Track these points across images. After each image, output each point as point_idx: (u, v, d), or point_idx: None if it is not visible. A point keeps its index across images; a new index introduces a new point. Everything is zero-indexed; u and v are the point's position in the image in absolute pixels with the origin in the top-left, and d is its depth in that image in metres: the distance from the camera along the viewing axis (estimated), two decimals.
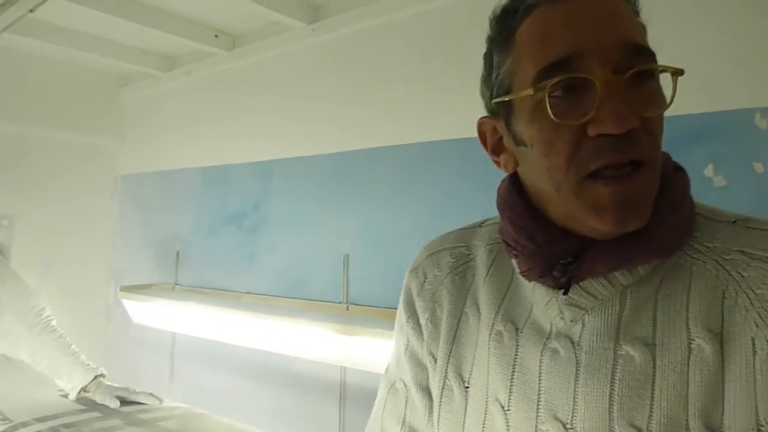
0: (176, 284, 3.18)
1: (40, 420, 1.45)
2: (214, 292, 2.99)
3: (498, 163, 0.70)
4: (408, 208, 2.31)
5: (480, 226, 0.80)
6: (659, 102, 0.60)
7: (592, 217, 0.60)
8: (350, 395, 2.41)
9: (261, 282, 2.84)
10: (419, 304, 0.77)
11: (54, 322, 1.83)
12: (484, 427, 0.65)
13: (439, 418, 0.71)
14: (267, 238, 2.85)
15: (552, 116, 0.58)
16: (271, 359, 2.67)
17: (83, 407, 1.58)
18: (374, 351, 2.10)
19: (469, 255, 0.76)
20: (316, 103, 2.69)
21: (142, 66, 3.37)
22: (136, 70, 3.55)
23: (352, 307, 2.37)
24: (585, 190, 0.59)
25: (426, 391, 0.76)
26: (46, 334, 1.79)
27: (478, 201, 2.11)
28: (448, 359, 0.71)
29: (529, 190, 0.68)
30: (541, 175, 0.63)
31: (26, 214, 3.69)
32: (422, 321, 0.76)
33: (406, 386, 0.79)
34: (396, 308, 2.33)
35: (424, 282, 0.78)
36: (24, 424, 1.42)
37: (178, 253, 3.21)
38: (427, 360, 0.75)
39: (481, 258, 0.74)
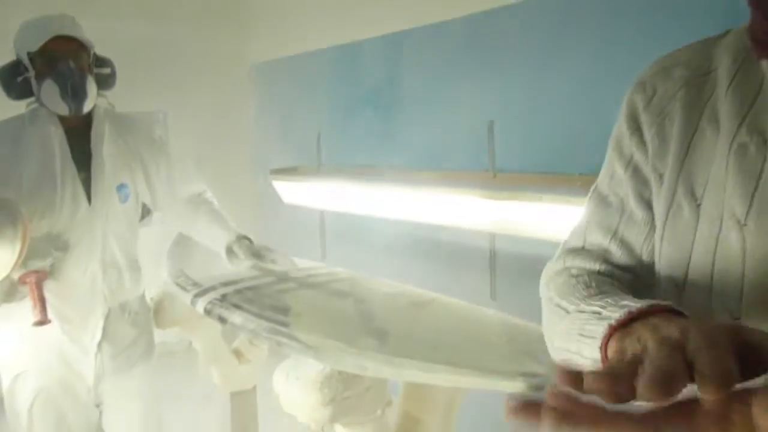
0: (320, 165, 3.28)
1: (225, 284, 1.59)
2: (357, 170, 3.05)
3: None
4: (554, 69, 2.17)
5: (722, 36, 0.70)
6: None
7: None
8: (500, 263, 2.42)
9: (402, 157, 2.85)
10: (645, 119, 0.71)
11: (215, 201, 1.96)
12: (717, 243, 0.61)
13: (663, 236, 0.67)
14: (404, 112, 2.82)
15: None
16: (418, 230, 2.72)
17: (259, 273, 1.71)
18: (526, 216, 2.07)
19: (708, 67, 0.68)
20: None
21: None
22: None
23: (500, 175, 2.32)
24: None
25: (648, 206, 0.71)
26: (208, 213, 1.93)
27: (632, 57, 1.93)
28: (679, 175, 0.66)
29: None
30: None
31: (175, 110, 3.93)
32: (648, 136, 0.70)
33: (622, 200, 0.74)
34: (548, 172, 2.25)
35: (653, 96, 0.71)
36: (212, 288, 1.56)
37: (319, 135, 3.28)
38: (651, 176, 0.70)
39: (723, 68, 0.66)
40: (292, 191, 3.22)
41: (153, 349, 1.94)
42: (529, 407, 0.42)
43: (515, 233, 2.19)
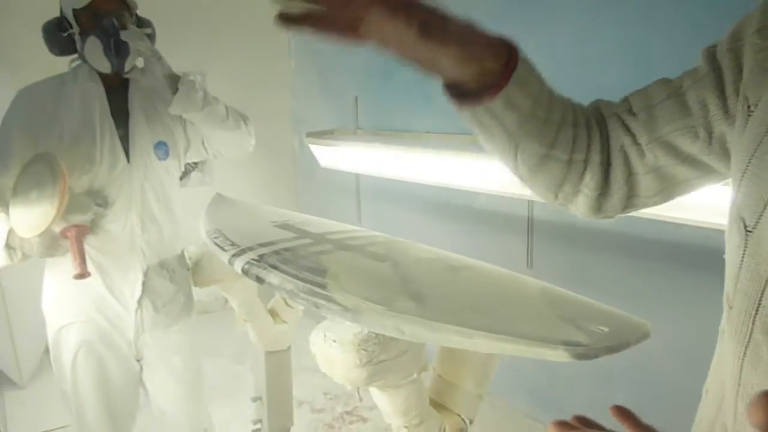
0: (357, 128, 3.26)
1: (263, 245, 1.59)
2: (395, 134, 3.02)
3: None
4: (598, 28, 2.09)
5: None
6: None
7: None
8: (538, 229, 2.39)
9: (439, 121, 2.81)
10: (754, 42, 0.65)
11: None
12: None
13: (746, 171, 0.62)
14: None
15: None
16: (455, 195, 2.70)
17: (296, 235, 1.71)
18: None
19: None
20: None
21: None
22: None
23: None
24: None
25: (705, 110, 0.68)
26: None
27: (689, 13, 1.84)
28: None
29: None
30: None
31: (214, 70, 3.93)
32: (749, 60, 0.65)
33: (682, 86, 0.72)
34: None
35: None
36: (250, 248, 1.56)
37: (356, 98, 3.25)
38: (733, 98, 0.66)
39: None
40: (329, 154, 3.22)
41: (192, 306, 1.98)
42: None
43: None
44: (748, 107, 0.63)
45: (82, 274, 1.67)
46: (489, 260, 1.47)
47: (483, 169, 2.33)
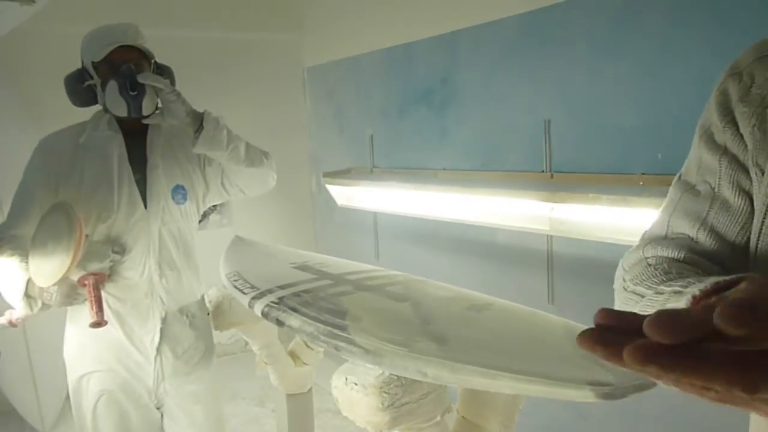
0: (373, 167, 3.28)
1: (282, 287, 1.59)
2: (410, 172, 3.04)
3: None
4: (613, 65, 2.10)
5: None
6: None
7: None
8: (558, 264, 2.36)
9: (455, 158, 2.82)
10: (742, 111, 0.66)
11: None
12: None
13: (761, 232, 0.63)
14: (458, 112, 2.79)
15: None
16: (473, 232, 2.69)
17: (315, 276, 1.71)
18: (585, 217, 2.01)
19: None
20: None
21: None
22: None
23: (557, 175, 2.27)
24: None
25: (746, 195, 0.67)
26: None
27: (699, 49, 1.85)
28: None
29: None
30: None
31: (230, 113, 3.99)
32: (745, 129, 0.66)
33: (713, 189, 0.70)
34: (607, 172, 2.17)
35: (751, 86, 0.66)
36: (269, 291, 1.56)
37: (371, 137, 3.28)
38: (751, 169, 0.66)
39: None
40: (346, 194, 3.24)
41: (212, 354, 1.95)
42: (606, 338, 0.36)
43: (573, 235, 2.13)
44: (762, 171, 0.64)
45: (99, 323, 1.65)
46: (509, 297, 1.46)
47: (499, 205, 2.33)
